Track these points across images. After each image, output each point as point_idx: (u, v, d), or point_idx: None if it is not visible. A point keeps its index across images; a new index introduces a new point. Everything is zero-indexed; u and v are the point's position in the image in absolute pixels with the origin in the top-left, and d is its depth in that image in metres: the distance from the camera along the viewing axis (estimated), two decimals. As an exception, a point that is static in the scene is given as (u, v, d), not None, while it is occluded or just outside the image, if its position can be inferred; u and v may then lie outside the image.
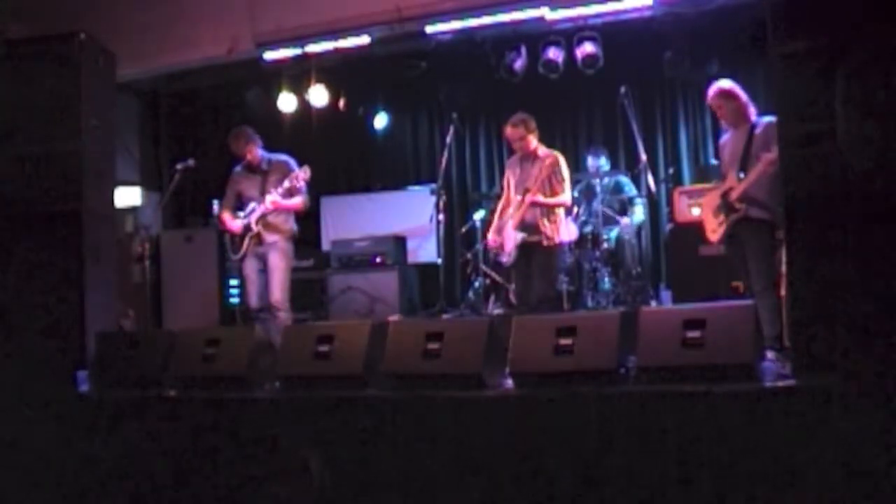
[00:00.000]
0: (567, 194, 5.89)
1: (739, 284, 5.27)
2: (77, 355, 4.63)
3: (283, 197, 6.01)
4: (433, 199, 7.49)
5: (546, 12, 7.05)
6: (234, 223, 6.10)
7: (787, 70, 3.53)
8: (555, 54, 7.64)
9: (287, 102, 8.25)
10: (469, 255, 7.84)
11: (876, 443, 3.02)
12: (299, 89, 8.20)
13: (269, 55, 7.65)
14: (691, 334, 3.42)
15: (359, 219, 8.87)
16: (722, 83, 5.11)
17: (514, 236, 5.80)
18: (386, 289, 7.71)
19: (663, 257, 7.97)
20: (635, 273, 7.09)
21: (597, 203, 7.07)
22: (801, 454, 3.09)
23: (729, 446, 3.17)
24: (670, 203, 7.29)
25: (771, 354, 4.12)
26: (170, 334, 4.61)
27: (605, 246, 6.98)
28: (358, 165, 9.54)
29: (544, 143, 6.03)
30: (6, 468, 4.27)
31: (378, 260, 7.91)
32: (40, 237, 4.77)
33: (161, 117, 9.47)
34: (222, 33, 7.38)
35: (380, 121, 9.01)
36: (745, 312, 3.51)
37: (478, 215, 7.82)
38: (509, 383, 3.73)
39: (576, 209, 7.07)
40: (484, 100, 8.68)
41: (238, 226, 6.08)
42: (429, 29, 7.25)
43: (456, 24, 7.23)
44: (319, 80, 8.10)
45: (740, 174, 4.89)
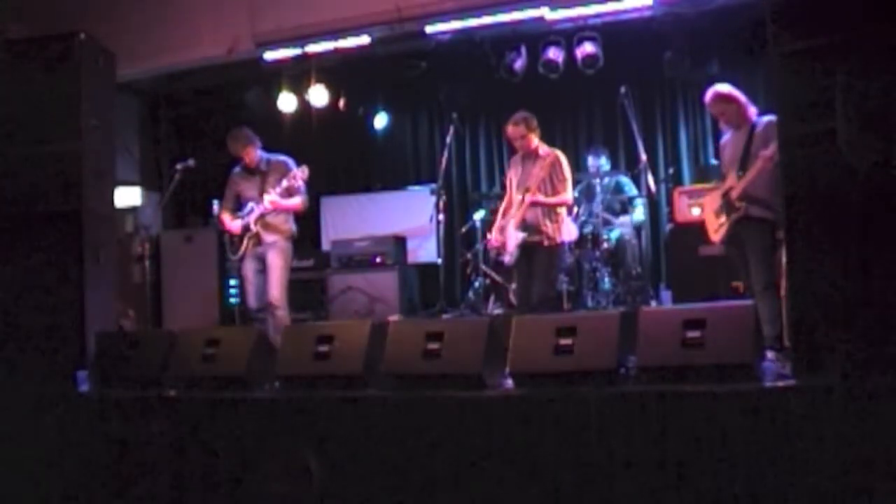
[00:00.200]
0: (568, 193, 5.86)
1: (739, 284, 5.26)
2: (77, 355, 4.63)
3: (281, 197, 6.00)
4: (433, 199, 7.48)
5: (546, 12, 7.06)
6: (233, 224, 6.10)
7: (787, 70, 3.53)
8: (555, 54, 7.65)
9: (287, 102, 8.26)
10: (469, 255, 7.83)
11: (876, 443, 3.01)
12: (299, 89, 8.21)
13: (269, 55, 7.65)
14: (691, 334, 3.42)
15: (359, 219, 8.88)
16: (719, 88, 5.09)
17: (516, 236, 5.79)
18: (386, 289, 7.70)
19: (663, 257, 7.96)
20: (635, 273, 7.09)
21: (597, 203, 7.07)
22: (801, 454, 3.08)
23: (729, 446, 3.17)
24: (670, 203, 7.29)
25: (771, 354, 4.13)
26: (170, 334, 4.61)
27: (606, 246, 6.97)
28: (358, 165, 9.53)
29: (545, 143, 6.02)
30: (6, 467, 4.26)
31: (378, 260, 7.90)
32: (40, 237, 4.77)
33: (161, 117, 9.48)
34: (222, 33, 7.38)
35: (380, 121, 9.00)
36: (745, 312, 3.51)
37: (478, 215, 7.81)
38: (509, 383, 3.73)
39: (576, 209, 7.06)
40: (484, 100, 8.67)
41: (237, 226, 6.08)
42: (429, 29, 7.26)
43: (456, 24, 7.23)
44: (319, 80, 8.11)
45: (740, 173, 4.89)
